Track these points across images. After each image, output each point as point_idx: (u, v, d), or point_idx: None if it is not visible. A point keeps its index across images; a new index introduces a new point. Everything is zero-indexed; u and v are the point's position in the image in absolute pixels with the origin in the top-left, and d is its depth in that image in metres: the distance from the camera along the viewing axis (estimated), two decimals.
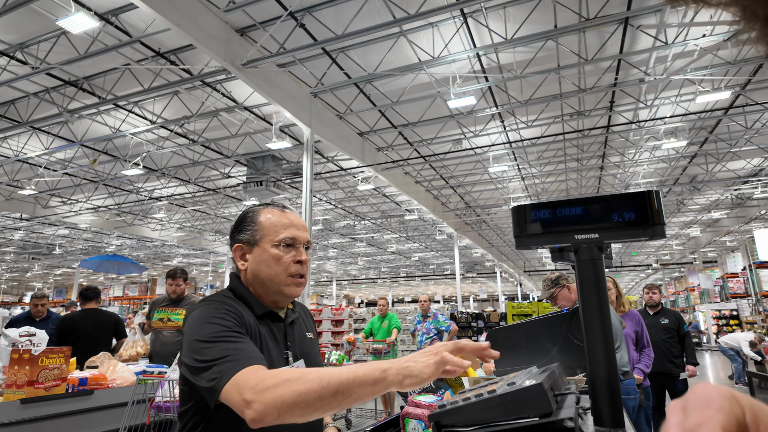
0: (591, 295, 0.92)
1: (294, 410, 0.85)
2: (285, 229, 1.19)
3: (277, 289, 1.18)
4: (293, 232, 1.20)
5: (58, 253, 24.49)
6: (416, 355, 0.90)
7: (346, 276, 39.99)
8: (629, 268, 33.55)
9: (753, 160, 13.77)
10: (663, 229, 0.91)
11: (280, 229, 1.19)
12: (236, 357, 0.95)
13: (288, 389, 0.86)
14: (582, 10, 7.09)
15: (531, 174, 14.78)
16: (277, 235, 1.18)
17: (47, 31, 7.45)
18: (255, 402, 0.86)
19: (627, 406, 2.94)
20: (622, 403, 0.90)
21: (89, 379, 2.74)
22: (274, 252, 1.17)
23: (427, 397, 1.81)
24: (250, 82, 7.54)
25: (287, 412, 0.85)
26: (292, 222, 1.21)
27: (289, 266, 1.17)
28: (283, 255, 1.17)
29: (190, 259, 30.10)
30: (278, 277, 1.17)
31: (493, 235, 24.53)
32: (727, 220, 20.86)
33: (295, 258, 1.18)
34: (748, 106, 9.94)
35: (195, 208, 17.79)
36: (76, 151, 12.24)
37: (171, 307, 4.21)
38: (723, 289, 19.34)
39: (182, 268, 4.32)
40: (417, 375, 0.86)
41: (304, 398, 0.85)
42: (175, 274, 4.24)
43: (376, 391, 0.88)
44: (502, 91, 9.59)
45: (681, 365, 4.87)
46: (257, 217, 1.22)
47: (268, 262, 1.17)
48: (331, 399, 0.86)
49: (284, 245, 1.18)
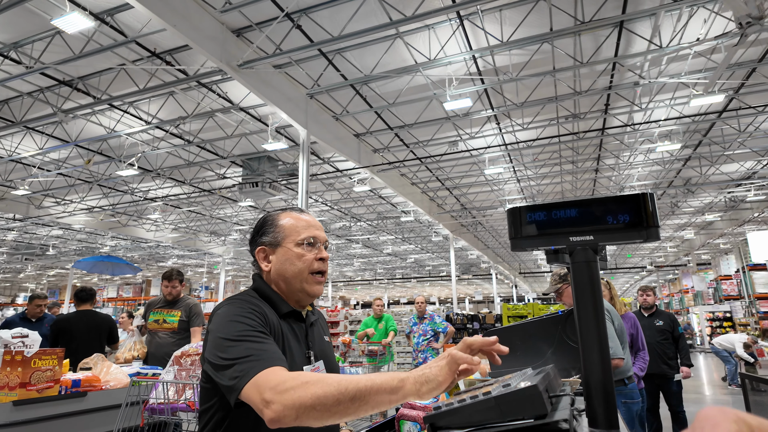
0: (586, 297, 0.92)
1: (312, 413, 0.87)
2: (305, 229, 1.26)
3: (300, 287, 1.23)
4: (313, 232, 1.27)
5: (52, 253, 24.32)
6: (429, 364, 0.92)
7: (341, 278, 39.94)
8: (624, 270, 33.71)
9: (746, 163, 13.88)
10: (657, 231, 0.91)
11: (301, 230, 1.26)
12: (259, 357, 0.98)
13: (307, 392, 0.88)
14: (577, 14, 7.13)
15: (526, 176, 14.83)
16: (299, 235, 1.25)
17: (42, 31, 7.41)
18: (274, 402, 0.88)
19: (631, 411, 2.94)
20: (616, 405, 0.91)
21: (82, 380, 2.71)
22: (297, 251, 1.23)
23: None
24: (246, 83, 7.53)
25: (305, 414, 0.87)
26: (310, 223, 1.29)
27: (312, 263, 1.23)
28: (306, 253, 1.24)
29: (185, 260, 29.97)
30: (302, 274, 1.22)
31: (489, 236, 24.58)
32: (721, 223, 21.00)
33: (317, 255, 1.25)
34: (741, 109, 10.03)
35: (190, 209, 17.72)
36: (71, 152, 12.17)
37: (166, 309, 4.18)
38: (717, 291, 19.47)
39: (178, 270, 4.30)
40: (433, 380, 0.88)
41: (323, 401, 0.87)
42: (171, 275, 4.22)
43: (394, 400, 0.89)
44: (498, 94, 9.62)
45: (675, 367, 4.90)
46: (278, 220, 1.29)
47: (292, 260, 1.23)
48: (348, 404, 0.87)
49: (307, 244, 1.25)
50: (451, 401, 0.93)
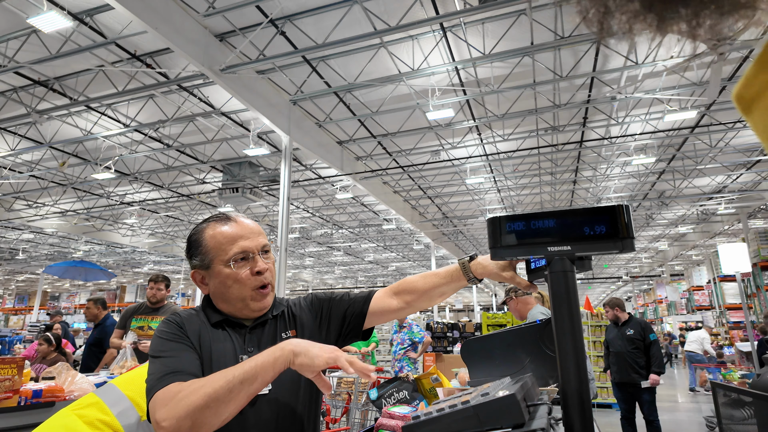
0: (562, 306, 0.93)
1: (206, 411, 0.89)
2: (232, 243, 1.12)
3: (244, 305, 1.14)
4: (242, 245, 1.12)
5: (22, 258, 23.52)
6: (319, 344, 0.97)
7: (322, 285, 39.65)
8: (600, 280, 34.32)
9: (717, 177, 14.36)
10: (632, 242, 0.93)
11: (227, 246, 1.12)
12: (163, 373, 0.98)
13: (198, 394, 0.90)
14: (557, 29, 7.31)
15: (507, 186, 15.04)
16: (225, 253, 1.11)
17: (17, 29, 7.22)
18: (165, 420, 0.89)
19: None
20: (592, 414, 0.92)
21: (44, 391, 2.60)
22: (227, 272, 1.11)
23: (402, 408, 1.80)
24: (229, 88, 7.47)
25: (200, 416, 0.89)
26: (239, 233, 1.13)
27: (247, 281, 1.12)
28: (239, 272, 1.11)
29: (161, 267, 29.34)
30: (242, 294, 1.12)
31: (470, 245, 24.77)
32: (693, 235, 21.63)
33: (253, 270, 1.12)
34: (712, 125, 10.39)
35: (168, 214, 17.39)
36: (44, 153, 11.84)
37: (151, 315, 4.08)
38: (689, 302, 19.97)
39: (165, 275, 4.25)
40: (311, 357, 0.93)
41: (214, 396, 0.89)
42: (158, 278, 4.18)
43: (277, 368, 0.94)
44: (480, 105, 9.76)
45: (647, 375, 4.99)
46: (201, 238, 1.15)
47: (225, 283, 1.12)
48: (240, 388, 0.91)
49: (235, 261, 1.11)
50: (429, 410, 0.93)
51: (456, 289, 1.20)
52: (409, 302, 1.24)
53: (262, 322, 1.18)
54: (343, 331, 1.26)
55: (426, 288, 1.22)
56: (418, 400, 2.14)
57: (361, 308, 1.26)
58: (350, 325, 1.26)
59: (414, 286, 1.24)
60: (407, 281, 1.26)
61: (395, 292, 1.25)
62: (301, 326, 1.23)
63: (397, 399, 2.15)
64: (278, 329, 1.19)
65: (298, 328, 1.22)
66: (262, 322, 1.18)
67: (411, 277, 1.26)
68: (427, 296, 1.22)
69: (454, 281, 1.18)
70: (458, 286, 1.19)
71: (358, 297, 1.29)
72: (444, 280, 1.19)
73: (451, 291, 1.20)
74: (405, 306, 1.24)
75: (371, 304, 1.26)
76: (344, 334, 1.27)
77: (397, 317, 1.32)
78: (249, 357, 1.11)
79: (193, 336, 1.10)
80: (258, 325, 1.18)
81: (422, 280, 1.23)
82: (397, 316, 1.29)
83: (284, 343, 0.96)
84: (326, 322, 1.26)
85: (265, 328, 1.18)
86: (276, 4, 6.74)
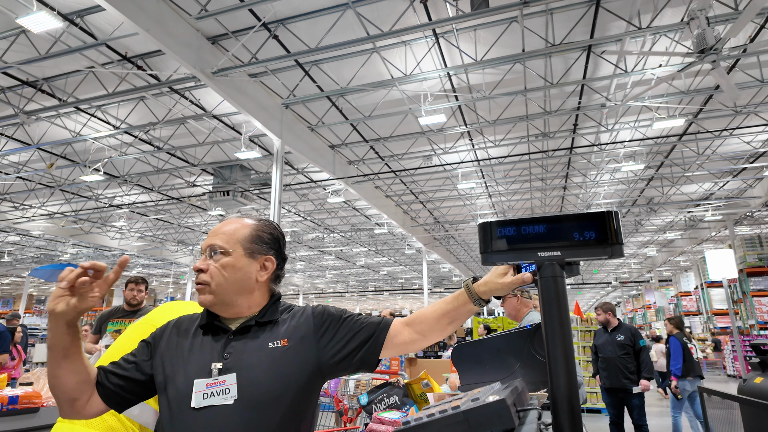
0: (552, 311, 0.94)
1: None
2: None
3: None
4: (203, 244, 1.23)
5: (7, 260, 23.14)
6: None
7: (313, 290, 39.46)
8: (590, 286, 34.57)
9: (704, 184, 14.57)
10: (621, 248, 0.94)
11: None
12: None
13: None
14: (548, 36, 7.39)
15: (498, 192, 15.12)
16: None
17: (5, 29, 7.14)
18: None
19: None
20: (581, 419, 0.92)
21: (20, 397, 2.52)
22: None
23: (392, 413, 1.80)
24: (221, 91, 7.43)
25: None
26: (209, 235, 1.24)
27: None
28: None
29: (150, 270, 29.03)
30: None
31: (461, 250, 24.84)
32: (681, 241, 21.89)
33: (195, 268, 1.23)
34: (700, 133, 10.55)
35: (157, 216, 17.23)
36: (32, 155, 11.68)
37: (128, 318, 4.02)
38: (677, 307, 20.16)
39: (143, 277, 4.22)
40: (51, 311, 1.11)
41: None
42: (138, 279, 4.13)
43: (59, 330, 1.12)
44: (471, 111, 9.82)
45: (636, 381, 5.03)
46: None
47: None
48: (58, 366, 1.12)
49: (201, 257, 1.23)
50: (420, 416, 0.93)
51: (466, 315, 1.18)
52: (420, 332, 1.20)
53: (244, 327, 1.17)
54: (352, 355, 1.19)
55: (435, 315, 1.19)
56: (408, 405, 2.13)
57: (377, 337, 1.20)
58: (367, 352, 1.19)
59: (423, 314, 1.22)
60: (417, 312, 1.25)
61: (407, 323, 1.23)
62: (297, 336, 1.18)
63: (388, 404, 2.14)
64: (269, 337, 1.16)
65: (292, 338, 1.17)
66: (245, 327, 1.17)
67: (420, 309, 1.26)
68: (438, 324, 1.19)
69: (461, 305, 1.16)
70: (466, 311, 1.17)
71: (373, 322, 1.23)
72: (450, 305, 1.17)
73: (461, 317, 1.18)
74: (418, 337, 1.20)
75: (389, 331, 1.21)
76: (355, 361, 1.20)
77: (413, 350, 1.26)
78: (217, 365, 1.11)
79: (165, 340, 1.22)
80: (241, 330, 1.16)
81: (430, 308, 1.22)
82: (412, 348, 1.22)
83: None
84: (328, 337, 1.20)
85: (249, 335, 1.16)
86: (269, 7, 6.74)
